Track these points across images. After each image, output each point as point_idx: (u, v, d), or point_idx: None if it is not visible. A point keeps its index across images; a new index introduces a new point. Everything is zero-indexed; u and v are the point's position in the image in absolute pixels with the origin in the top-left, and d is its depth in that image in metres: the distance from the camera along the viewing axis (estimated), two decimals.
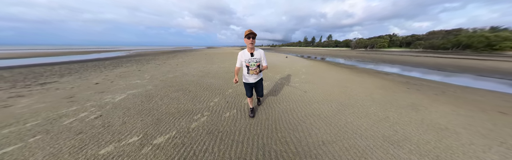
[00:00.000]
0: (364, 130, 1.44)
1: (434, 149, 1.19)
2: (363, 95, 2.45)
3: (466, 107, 2.09)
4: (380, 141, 1.27)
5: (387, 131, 1.41)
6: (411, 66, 6.92)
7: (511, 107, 2.20)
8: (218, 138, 1.30)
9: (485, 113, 1.93)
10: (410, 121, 1.63)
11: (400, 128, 1.47)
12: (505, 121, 1.73)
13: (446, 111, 1.92)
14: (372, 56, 13.44)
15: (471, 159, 1.10)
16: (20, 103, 2.08)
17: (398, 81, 3.88)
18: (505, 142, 1.31)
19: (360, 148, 1.18)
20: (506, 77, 4.81)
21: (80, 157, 1.10)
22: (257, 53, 1.33)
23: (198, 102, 2.08)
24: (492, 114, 1.90)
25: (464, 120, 1.70)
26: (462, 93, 2.94)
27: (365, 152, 1.14)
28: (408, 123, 1.59)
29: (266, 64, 1.41)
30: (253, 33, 1.19)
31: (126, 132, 1.41)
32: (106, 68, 5.50)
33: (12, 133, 1.42)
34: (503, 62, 9.25)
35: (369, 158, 1.08)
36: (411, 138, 1.32)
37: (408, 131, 1.42)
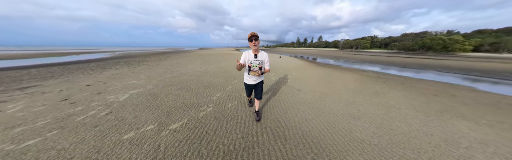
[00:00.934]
0: (336, 110, 1.90)
1: (381, 119, 1.70)
2: (340, 87, 3.02)
3: (413, 93, 2.77)
4: (346, 116, 1.74)
5: (352, 110, 1.90)
6: (385, 65, 8.11)
7: (443, 91, 2.97)
8: (224, 121, 1.62)
9: (424, 96, 2.60)
10: (371, 103, 2.17)
11: (362, 108, 1.98)
12: (435, 100, 2.39)
13: (398, 96, 2.54)
14: (356, 56, 14.91)
15: (401, 123, 1.62)
16: (8, 109, 2.00)
17: (371, 76, 4.64)
18: (428, 113, 1.90)
19: (331, 121, 1.63)
20: (451, 72, 6.11)
21: (106, 141, 1.31)
22: (261, 55, 1.34)
23: (201, 97, 2.34)
24: (428, 96, 2.58)
25: (408, 100, 2.32)
26: (416, 83, 3.73)
27: (335, 124, 1.59)
28: (369, 104, 2.11)
29: (268, 67, 1.40)
30: (255, 35, 1.21)
31: (141, 122, 1.62)
32: (94, 70, 5.27)
33: (25, 131, 1.51)
34: (452, 61, 11.34)
35: (336, 127, 1.52)
36: (368, 113, 1.83)
37: (367, 110, 1.93)
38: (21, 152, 1.18)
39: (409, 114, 1.84)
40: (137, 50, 30.96)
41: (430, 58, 13.91)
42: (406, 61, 10.48)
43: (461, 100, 2.49)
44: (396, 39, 41.88)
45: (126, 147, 1.24)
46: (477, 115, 1.88)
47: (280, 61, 8.28)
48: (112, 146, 1.25)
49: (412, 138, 1.35)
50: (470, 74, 5.60)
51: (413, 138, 1.35)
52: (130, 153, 1.16)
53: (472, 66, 8.01)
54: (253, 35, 1.21)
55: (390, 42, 41.28)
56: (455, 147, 1.23)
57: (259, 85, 1.54)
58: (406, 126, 1.55)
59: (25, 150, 1.21)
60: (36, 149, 1.22)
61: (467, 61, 11.48)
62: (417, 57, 14.38)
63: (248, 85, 1.51)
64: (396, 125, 1.56)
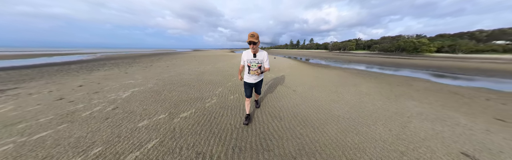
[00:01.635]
0: (321, 98, 2.35)
1: (354, 102, 2.18)
2: (326, 80, 3.58)
3: (382, 84, 3.45)
4: (328, 101, 2.18)
5: (333, 97, 2.36)
6: (366, 64, 9.34)
7: (405, 83, 3.75)
8: (228, 109, 1.89)
9: (389, 85, 3.26)
10: (349, 91, 2.68)
11: (342, 95, 2.47)
12: (397, 88, 3.04)
13: (370, 86, 3.14)
14: (343, 57, 16.53)
15: (368, 104, 2.12)
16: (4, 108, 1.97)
17: (352, 72, 5.37)
18: (389, 97, 2.46)
19: (317, 105, 2.05)
20: (416, 68, 7.36)
21: (122, 129, 1.47)
22: (259, 54, 1.34)
23: (205, 92, 2.56)
24: (393, 86, 3.25)
25: (377, 89, 2.92)
26: (387, 78, 4.51)
27: (319, 106, 2.00)
28: (347, 92, 2.62)
29: (268, 66, 1.40)
30: (253, 41, 1.20)
31: (151, 113, 1.79)
32: (80, 72, 4.99)
33: (30, 126, 1.55)
34: (419, 60, 13.42)
35: (320, 109, 1.93)
36: (345, 99, 2.30)
37: (345, 96, 2.42)
38: (38, 142, 1.28)
39: (376, 98, 2.36)
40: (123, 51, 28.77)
41: (403, 58, 16.25)
42: (383, 60, 12.06)
43: (415, 88, 3.20)
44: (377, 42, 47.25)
45: (143, 131, 1.42)
46: (422, 97, 2.51)
47: (275, 61, 8.82)
48: (130, 132, 1.42)
49: (374, 113, 1.82)
50: (428, 70, 6.83)
51: (374, 113, 1.82)
52: (148, 135, 1.36)
53: (431, 64, 9.65)
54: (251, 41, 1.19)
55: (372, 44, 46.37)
56: (401, 116, 1.75)
57: (259, 83, 1.56)
58: (371, 106, 2.04)
59: (41, 140, 1.30)
60: (52, 139, 1.32)
61: (430, 60, 13.65)
62: (392, 57, 16.71)
63: (248, 84, 1.49)
64: (365, 106, 2.04)
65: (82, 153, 1.14)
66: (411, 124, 1.58)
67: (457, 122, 1.65)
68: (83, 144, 1.25)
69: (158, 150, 1.16)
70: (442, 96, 2.64)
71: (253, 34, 1.20)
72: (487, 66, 8.48)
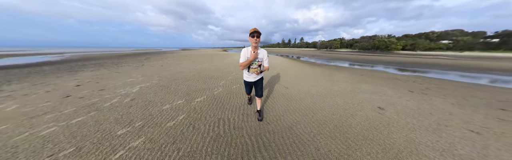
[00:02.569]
0: (304, 84, 3.12)
1: (327, 86, 3.00)
2: (310, 74, 4.50)
3: (351, 74, 4.52)
4: (308, 86, 2.96)
5: (313, 84, 3.15)
6: (345, 61, 10.95)
7: (368, 73, 4.93)
8: (233, 94, 2.43)
9: (355, 75, 4.30)
10: (325, 80, 3.55)
11: (319, 83, 3.29)
12: (360, 77, 4.09)
13: (341, 76, 4.11)
14: (328, 55, 18.62)
15: (337, 87, 2.95)
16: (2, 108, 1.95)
17: (332, 68, 6.46)
18: (353, 82, 3.39)
19: (300, 89, 2.80)
20: (382, 64, 9.11)
21: (150, 111, 1.86)
22: (259, 53, 1.33)
23: (210, 84, 3.03)
24: (357, 76, 4.32)
25: (346, 78, 3.88)
26: (356, 70, 5.69)
27: (301, 90, 2.75)
28: (324, 81, 3.48)
29: (267, 65, 1.39)
30: (258, 31, 1.16)
31: (169, 100, 2.19)
32: (61, 73, 4.69)
33: (59, 115, 1.78)
34: (386, 57, 16.10)
35: (301, 91, 2.67)
36: (321, 84, 3.12)
37: (322, 83, 3.24)
38: (80, 123, 1.59)
39: (341, 83, 3.25)
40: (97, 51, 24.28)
41: (375, 55, 19.18)
42: (360, 58, 14.09)
43: (372, 76, 4.34)
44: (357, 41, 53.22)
45: (170, 111, 1.85)
46: (374, 82, 3.53)
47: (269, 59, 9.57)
48: (159, 112, 1.83)
49: (337, 91, 2.66)
50: (390, 65, 8.55)
51: (337, 91, 2.66)
52: (176, 112, 1.80)
53: (394, 60, 11.86)
54: (255, 31, 1.17)
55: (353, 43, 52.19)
56: (353, 92, 2.62)
57: (259, 82, 1.53)
58: (338, 88, 2.87)
59: (82, 122, 1.61)
60: (92, 120, 1.65)
61: (395, 57, 16.51)
62: (367, 55, 19.48)
63: (247, 82, 1.50)
64: (334, 88, 2.86)
65: (128, 126, 1.53)
66: (357, 95, 2.45)
67: (385, 93, 2.59)
68: (123, 121, 1.62)
69: (188, 119, 1.64)
70: (387, 81, 3.71)
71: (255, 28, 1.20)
72: (431, 61, 10.96)
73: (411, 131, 1.43)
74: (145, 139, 1.29)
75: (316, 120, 1.62)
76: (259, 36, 1.22)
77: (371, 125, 1.54)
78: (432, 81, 3.97)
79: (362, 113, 1.81)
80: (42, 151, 1.13)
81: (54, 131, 1.45)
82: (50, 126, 1.54)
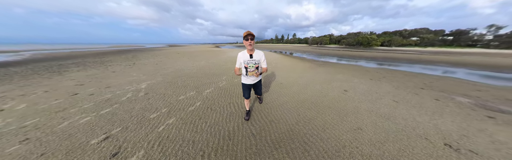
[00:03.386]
0: (293, 75, 3.84)
1: (310, 76, 3.77)
2: (299, 68, 5.28)
3: (329, 68, 5.40)
4: (296, 77, 3.71)
5: (300, 75, 3.91)
6: (331, 56, 12.18)
7: (343, 67, 5.93)
8: (237, 86, 2.95)
9: (333, 68, 5.22)
10: (310, 72, 4.37)
11: (305, 73, 4.10)
12: (337, 70, 5.01)
13: (324, 69, 5.02)
14: (318, 51, 20.09)
15: (318, 77, 3.74)
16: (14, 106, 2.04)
17: (317, 63, 7.35)
18: (331, 73, 4.27)
19: (289, 80, 3.48)
20: (361, 59, 10.43)
21: (169, 101, 2.25)
22: (256, 55, 1.32)
23: (213, 79, 3.46)
24: (336, 69, 5.26)
25: (326, 70, 4.75)
26: (336, 65, 6.68)
27: (289, 80, 3.42)
28: (308, 72, 4.27)
29: (265, 66, 1.39)
30: (251, 34, 1.19)
31: (182, 93, 2.58)
32: (44, 74, 4.40)
33: (82, 109, 1.99)
34: (367, 52, 18.07)
35: (290, 81, 3.35)
36: (306, 75, 3.90)
37: (307, 74, 4.05)
38: (111, 113, 1.91)
39: (322, 74, 4.09)
40: (62, 49, 19.46)
41: (358, 51, 21.29)
42: (344, 53, 15.66)
43: (347, 69, 5.35)
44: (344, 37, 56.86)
45: (186, 100, 2.28)
46: (347, 73, 4.47)
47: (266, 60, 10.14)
48: (176, 101, 2.24)
49: (317, 80, 3.44)
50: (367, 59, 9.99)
51: (318, 80, 3.44)
52: (192, 100, 2.25)
53: (372, 55, 13.65)
54: (249, 34, 1.19)
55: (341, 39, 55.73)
56: (330, 81, 3.44)
57: (258, 84, 1.54)
58: (318, 78, 3.67)
59: (112, 112, 1.93)
60: (120, 110, 1.98)
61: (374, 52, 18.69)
62: (352, 50, 21.50)
63: (246, 85, 1.48)
64: (315, 78, 3.64)
65: (156, 111, 1.93)
66: (333, 83, 3.25)
67: (352, 81, 3.47)
68: (150, 109, 2.00)
69: (205, 104, 2.12)
70: (357, 72, 4.67)
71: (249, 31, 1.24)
72: (399, 56, 12.95)
73: (358, 102, 2.22)
74: (176, 118, 1.74)
75: (299, 100, 2.30)
76: (253, 38, 1.23)
77: (335, 100, 2.29)
78: (390, 71, 5.12)
79: (332, 94, 2.58)
80: (93, 132, 1.45)
81: (91, 119, 1.76)
82: (83, 117, 1.82)
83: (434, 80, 3.89)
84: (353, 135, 1.42)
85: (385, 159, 1.12)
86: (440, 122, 1.69)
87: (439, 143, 1.33)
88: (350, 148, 1.25)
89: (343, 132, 1.48)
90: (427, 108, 2.07)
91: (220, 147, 1.26)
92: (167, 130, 1.50)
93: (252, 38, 1.23)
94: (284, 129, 1.52)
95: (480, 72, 5.66)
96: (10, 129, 1.56)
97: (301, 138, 1.36)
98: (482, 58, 11.76)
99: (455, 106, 2.19)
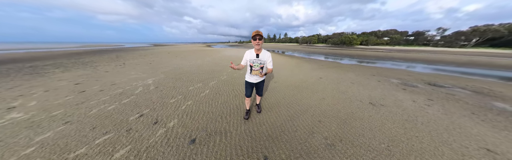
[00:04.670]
0: (283, 70, 4.66)
1: (296, 71, 4.69)
2: (287, 64, 6.19)
3: (313, 64, 6.49)
4: (288, 71, 4.59)
5: (290, 69, 4.83)
6: (318, 54, 13.83)
7: (324, 63, 7.19)
8: (237, 79, 3.59)
9: (316, 64, 6.33)
10: (296, 67, 5.30)
11: (292, 68, 5.02)
12: (320, 66, 6.11)
13: (308, 65, 6.08)
14: (307, 49, 22.19)
15: (302, 70, 4.68)
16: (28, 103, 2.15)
17: (304, 60, 8.47)
18: (313, 69, 5.26)
19: (281, 73, 4.29)
20: (341, 56, 12.16)
21: (181, 91, 2.74)
22: (262, 55, 1.34)
23: (215, 74, 4.00)
24: (318, 64, 6.40)
25: (310, 66, 5.83)
26: (320, 62, 7.88)
27: (281, 73, 4.24)
28: (294, 68, 5.22)
29: (271, 67, 1.41)
30: (259, 34, 1.21)
31: (190, 85, 3.07)
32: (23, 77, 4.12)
33: (102, 101, 2.32)
34: (347, 51, 20.67)
35: (281, 74, 4.15)
36: (294, 70, 4.84)
37: (295, 69, 4.96)
38: (133, 101, 2.32)
39: (307, 70, 5.04)
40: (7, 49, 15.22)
41: (341, 49, 24.24)
42: (329, 52, 17.70)
43: (327, 65, 6.46)
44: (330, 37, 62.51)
45: (195, 90, 2.80)
46: (325, 67, 5.49)
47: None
48: (187, 91, 2.75)
49: (302, 73, 4.36)
50: (344, 56, 11.66)
51: (302, 73, 4.37)
52: (201, 89, 2.80)
53: (350, 53, 15.82)
54: (258, 34, 1.22)
55: (327, 38, 61.17)
56: (312, 72, 4.35)
57: (261, 84, 1.57)
58: (302, 71, 4.59)
59: (134, 101, 2.34)
60: (141, 99, 2.40)
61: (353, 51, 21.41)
62: (335, 49, 24.48)
63: (249, 83, 1.53)
64: (299, 72, 4.56)
65: (172, 98, 2.43)
66: (312, 73, 4.25)
67: (328, 72, 4.53)
68: (166, 96, 2.47)
69: (213, 91, 2.70)
70: (338, 70, 5.78)
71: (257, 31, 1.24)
72: (370, 54, 15.36)
73: (327, 84, 3.16)
74: (193, 101, 2.29)
75: (286, 85, 3.11)
76: (261, 38, 1.26)
77: (311, 84, 3.18)
78: (357, 66, 6.52)
79: (310, 80, 3.50)
80: (126, 113, 1.83)
81: (117, 107, 2.13)
82: (108, 106, 2.17)
83: (384, 70, 5.30)
84: (318, 102, 2.27)
85: (334, 112, 1.96)
86: (373, 93, 2.71)
87: (366, 102, 2.26)
88: (315, 107, 2.07)
89: (312, 100, 2.32)
90: (370, 86, 3.13)
91: (232, 113, 1.90)
92: (189, 107, 2.06)
93: (260, 38, 1.25)
94: (274, 101, 2.28)
95: (420, 64, 7.60)
96: (42, 118, 1.77)
97: (285, 106, 2.13)
98: (428, 54, 14.96)
99: (388, 84, 3.33)
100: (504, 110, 2.11)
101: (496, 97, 2.70)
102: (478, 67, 7.01)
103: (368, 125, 1.64)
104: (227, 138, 1.40)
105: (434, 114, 1.92)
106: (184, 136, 1.44)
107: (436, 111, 2.02)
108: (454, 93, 2.82)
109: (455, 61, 9.67)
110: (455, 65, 7.58)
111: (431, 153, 1.21)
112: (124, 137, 1.43)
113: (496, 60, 10.71)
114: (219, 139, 1.39)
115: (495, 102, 2.39)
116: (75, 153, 1.22)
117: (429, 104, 2.24)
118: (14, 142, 1.35)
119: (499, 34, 29.45)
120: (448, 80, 3.98)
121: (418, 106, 2.15)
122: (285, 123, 1.67)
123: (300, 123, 1.68)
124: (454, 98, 2.54)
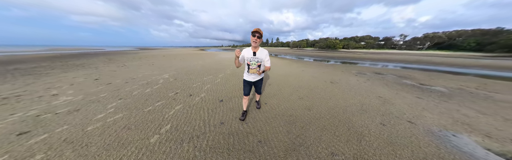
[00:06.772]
0: (278, 69, 5.89)
1: (288, 69, 5.99)
2: (279, 64, 7.54)
3: (301, 63, 8.14)
4: (280, 67, 5.87)
5: (282, 69, 6.04)
6: (306, 56, 16.01)
7: (311, 63, 8.91)
8: (240, 73, 4.60)
9: (303, 64, 8.00)
10: (287, 66, 6.66)
11: (284, 67, 6.29)
12: (306, 65, 7.64)
13: (297, 64, 7.57)
14: (297, 53, 24.94)
15: (293, 68, 6.05)
16: (66, 92, 2.76)
17: (295, 61, 10.01)
18: (301, 66, 6.64)
19: (276, 72, 5.48)
20: (326, 58, 14.36)
21: (198, 80, 3.62)
22: (259, 53, 1.36)
23: (220, 71, 4.93)
24: (305, 65, 7.94)
25: (299, 65, 7.29)
26: (307, 62, 9.54)
27: (276, 71, 5.44)
28: (286, 66, 6.56)
29: (269, 65, 1.44)
30: (258, 31, 1.23)
31: (203, 77, 3.96)
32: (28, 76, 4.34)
33: (135, 88, 3.07)
34: (331, 53, 23.95)
35: (276, 71, 5.36)
36: (285, 69, 6.09)
37: (284, 68, 6.23)
38: (162, 87, 3.12)
39: (295, 68, 6.35)
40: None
41: (326, 52, 28.07)
42: (316, 54, 20.33)
43: (312, 65, 8.06)
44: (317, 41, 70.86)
45: (209, 79, 3.72)
46: (313, 67, 6.99)
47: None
48: (203, 80, 3.64)
49: (294, 72, 5.58)
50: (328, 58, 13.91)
51: (294, 72, 5.59)
52: (213, 80, 3.72)
53: (333, 55, 18.54)
54: (256, 31, 1.24)
55: (315, 43, 69.07)
56: (300, 68, 5.70)
57: (259, 82, 1.62)
58: (292, 70, 5.85)
59: (162, 87, 3.14)
60: (167, 87, 3.20)
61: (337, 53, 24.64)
62: (322, 52, 28.21)
63: (247, 82, 1.56)
64: (291, 70, 5.80)
65: (193, 84, 3.30)
66: (299, 68, 5.58)
67: (310, 67, 5.98)
68: (188, 83, 3.34)
69: (223, 80, 3.65)
70: (318, 67, 7.31)
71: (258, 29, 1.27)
72: (349, 56, 18.31)
73: (305, 73, 4.52)
74: (211, 85, 3.21)
75: (278, 74, 4.28)
76: (260, 36, 1.28)
77: (296, 74, 4.44)
78: (333, 64, 8.28)
79: (294, 71, 4.86)
80: (164, 92, 2.65)
81: (152, 90, 2.92)
82: (144, 90, 2.94)
83: (353, 67, 7.06)
84: (297, 81, 3.52)
85: (306, 85, 3.13)
86: (335, 77, 4.10)
87: (328, 82, 3.56)
88: (295, 84, 3.26)
89: (295, 83, 3.47)
90: (335, 74, 4.62)
91: (241, 89, 2.90)
92: (210, 88, 2.97)
93: (260, 36, 1.28)
94: (269, 82, 3.38)
95: (381, 63, 9.89)
96: (95, 98, 2.37)
97: (276, 84, 3.22)
98: (391, 56, 18.51)
99: (347, 73, 4.86)
100: (405, 83, 3.67)
101: (410, 79, 4.36)
102: (419, 64, 9.70)
103: (324, 91, 2.93)
104: (240, 100, 2.38)
105: (364, 85, 3.41)
106: (214, 99, 2.36)
107: (367, 84, 3.54)
108: (385, 77, 4.45)
109: (406, 60, 12.77)
110: (405, 63, 10.20)
111: (353, 98, 2.51)
112: (174, 101, 2.26)
113: (434, 58, 14.43)
114: (236, 100, 2.35)
115: (405, 80, 3.97)
116: (147, 109, 1.98)
117: (365, 81, 3.80)
118: (93, 108, 1.98)
119: (442, 39, 39.11)
120: (390, 71, 5.88)
121: (358, 83, 3.63)
122: (276, 91, 2.85)
123: (285, 91, 2.87)
124: (383, 79, 4.22)
